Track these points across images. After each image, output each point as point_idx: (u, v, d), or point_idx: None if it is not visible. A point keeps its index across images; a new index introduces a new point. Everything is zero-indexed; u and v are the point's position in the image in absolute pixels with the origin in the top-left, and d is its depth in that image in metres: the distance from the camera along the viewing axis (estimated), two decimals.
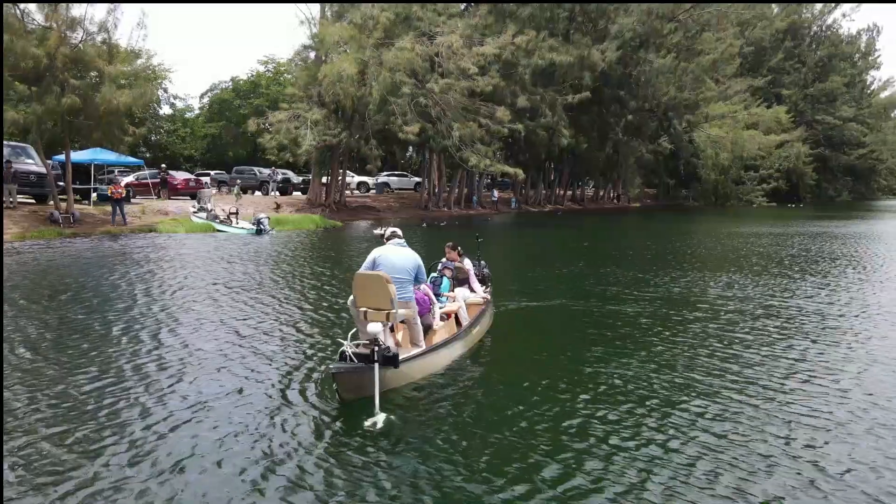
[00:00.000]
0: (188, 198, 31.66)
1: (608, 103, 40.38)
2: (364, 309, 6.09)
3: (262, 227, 23.20)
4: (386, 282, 6.01)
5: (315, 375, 6.49)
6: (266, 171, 38.22)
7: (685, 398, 5.93)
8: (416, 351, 6.52)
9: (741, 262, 16.73)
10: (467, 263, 9.03)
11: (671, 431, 5.15)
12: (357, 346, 5.84)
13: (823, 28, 78.57)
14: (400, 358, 5.87)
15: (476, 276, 9.02)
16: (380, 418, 5.17)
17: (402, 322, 6.83)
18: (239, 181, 36.45)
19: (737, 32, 50.71)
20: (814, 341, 8.06)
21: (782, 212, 48.89)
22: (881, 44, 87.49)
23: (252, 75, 62.34)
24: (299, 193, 39.51)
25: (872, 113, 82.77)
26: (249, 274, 13.38)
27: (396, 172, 47.80)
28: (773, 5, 71.40)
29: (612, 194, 59.30)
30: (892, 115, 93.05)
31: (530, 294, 11.29)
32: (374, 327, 5.64)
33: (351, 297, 6.45)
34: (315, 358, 7.14)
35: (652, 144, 49.06)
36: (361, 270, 6.39)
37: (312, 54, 32.80)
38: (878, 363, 7.09)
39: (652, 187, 63.82)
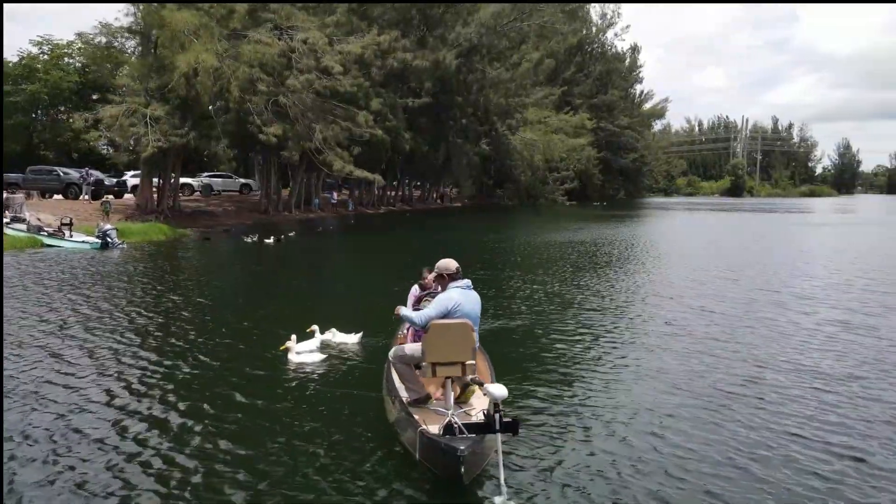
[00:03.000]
0: None
1: (445, 107, 41.37)
2: (432, 363, 5.28)
3: (109, 240, 19.87)
4: (471, 330, 5.36)
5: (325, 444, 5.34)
6: (73, 173, 32.81)
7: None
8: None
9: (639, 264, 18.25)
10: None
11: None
12: (466, 413, 5.09)
13: (601, 46, 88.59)
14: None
15: None
16: (504, 499, 4.37)
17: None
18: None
19: (545, 46, 54.92)
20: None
21: (593, 211, 54.27)
22: (640, 61, 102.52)
23: (23, 57, 52.94)
24: (111, 197, 34.65)
25: (640, 122, 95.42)
26: (119, 301, 11.23)
27: (220, 173, 44.15)
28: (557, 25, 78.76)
29: (434, 195, 60.92)
30: (653, 123, 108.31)
31: None
32: (500, 391, 4.66)
33: (410, 352, 5.62)
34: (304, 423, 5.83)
35: (475, 147, 51.35)
36: (436, 319, 5.40)
37: (97, 39, 29.17)
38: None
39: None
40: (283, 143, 25.87)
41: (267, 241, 21.62)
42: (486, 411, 4.85)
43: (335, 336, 8.69)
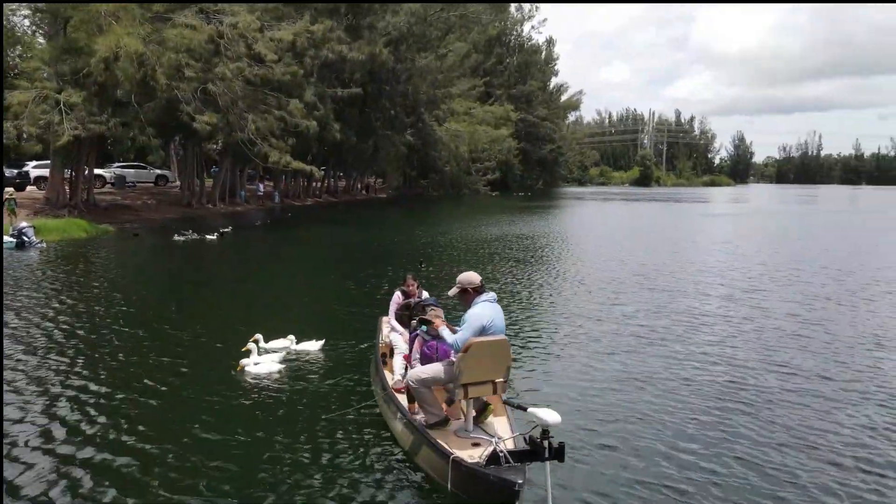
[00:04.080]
0: None
1: (373, 98, 40.74)
2: (465, 384, 4.97)
3: (25, 238, 18.27)
4: (509, 347, 5.20)
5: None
6: None
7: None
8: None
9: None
10: (426, 297, 7.29)
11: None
12: (503, 441, 4.72)
13: (519, 37, 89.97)
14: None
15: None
16: None
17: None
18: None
19: (467, 37, 55.18)
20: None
21: (518, 202, 55.06)
22: (555, 54, 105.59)
23: None
24: (12, 190, 31.73)
25: (557, 114, 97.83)
26: (44, 311, 10.18)
27: (134, 164, 41.55)
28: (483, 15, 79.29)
29: (360, 186, 60.04)
30: (568, 115, 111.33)
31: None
32: (552, 416, 4.37)
33: (433, 373, 5.33)
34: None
35: (402, 137, 51.00)
36: (471, 337, 5.06)
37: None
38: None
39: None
40: (213, 133, 24.64)
41: (210, 237, 20.57)
42: (528, 437, 4.57)
43: (294, 344, 8.28)
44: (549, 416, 4.39)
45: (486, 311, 5.25)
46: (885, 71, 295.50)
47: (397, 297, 7.48)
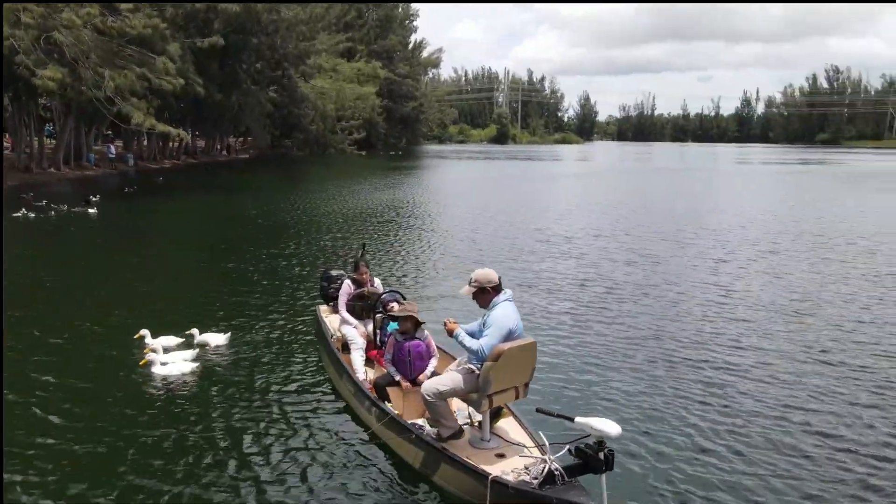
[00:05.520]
0: None
1: (236, 50, 37.78)
2: (492, 393, 4.69)
3: None
4: (535, 348, 5.02)
5: None
6: None
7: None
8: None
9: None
10: (379, 286, 7.10)
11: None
12: (548, 455, 4.28)
13: None
14: None
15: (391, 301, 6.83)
16: None
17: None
18: None
19: None
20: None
21: (388, 161, 54.26)
22: (413, 9, 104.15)
23: None
24: None
25: (418, 71, 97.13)
26: None
27: None
28: None
29: (220, 147, 56.08)
30: (429, 71, 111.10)
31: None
32: (612, 427, 4.07)
33: (452, 384, 4.91)
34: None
35: (265, 94, 48.12)
36: (499, 343, 4.72)
37: None
38: None
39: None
40: (62, 90, 21.59)
41: (91, 210, 18.21)
42: (575, 448, 4.27)
43: (198, 337, 7.61)
44: (608, 426, 4.08)
45: (509, 313, 4.96)
46: (703, 37, 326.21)
47: (347, 286, 7.04)
